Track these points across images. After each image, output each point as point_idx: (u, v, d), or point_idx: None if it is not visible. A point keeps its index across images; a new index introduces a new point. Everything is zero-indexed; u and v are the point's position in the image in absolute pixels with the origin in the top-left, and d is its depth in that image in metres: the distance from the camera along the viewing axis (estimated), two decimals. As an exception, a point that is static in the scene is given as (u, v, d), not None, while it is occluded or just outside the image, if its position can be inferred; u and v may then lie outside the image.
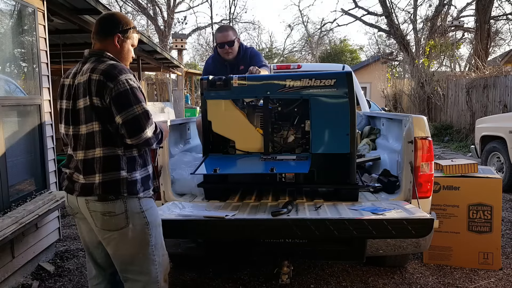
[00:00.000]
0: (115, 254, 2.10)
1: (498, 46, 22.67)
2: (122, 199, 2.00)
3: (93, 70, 1.97)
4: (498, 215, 3.51)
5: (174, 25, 26.40)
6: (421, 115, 3.01)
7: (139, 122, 1.95)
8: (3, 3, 3.55)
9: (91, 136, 1.98)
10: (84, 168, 2.01)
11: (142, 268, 2.10)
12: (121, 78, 1.94)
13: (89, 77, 1.96)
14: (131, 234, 2.04)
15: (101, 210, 1.99)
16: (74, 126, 2.03)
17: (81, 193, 2.02)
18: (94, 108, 1.96)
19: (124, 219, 2.02)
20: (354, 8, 23.41)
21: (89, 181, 2.00)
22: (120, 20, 2.10)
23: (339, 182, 2.92)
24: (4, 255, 3.17)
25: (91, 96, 1.95)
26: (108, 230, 2.03)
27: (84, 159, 2.00)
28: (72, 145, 2.06)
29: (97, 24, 2.11)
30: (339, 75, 2.87)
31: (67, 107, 2.06)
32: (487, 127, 6.94)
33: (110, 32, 2.07)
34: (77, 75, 2.04)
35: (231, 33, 3.63)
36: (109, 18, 2.12)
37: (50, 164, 3.96)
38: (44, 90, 3.89)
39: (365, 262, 3.35)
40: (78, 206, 2.08)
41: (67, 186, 2.11)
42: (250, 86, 2.96)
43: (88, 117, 1.98)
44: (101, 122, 1.97)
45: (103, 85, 1.93)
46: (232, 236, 2.61)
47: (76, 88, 2.02)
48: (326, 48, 31.82)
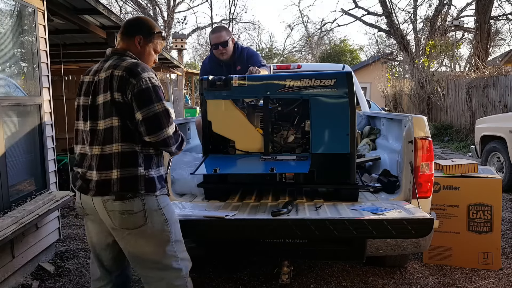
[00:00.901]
0: (135, 253, 2.08)
1: (498, 46, 22.69)
2: (139, 197, 2.00)
3: (115, 67, 2.00)
4: (498, 215, 3.51)
5: (174, 25, 26.42)
6: (421, 115, 3.01)
7: (159, 119, 1.97)
8: (3, 3, 3.55)
9: (110, 131, 1.98)
10: (100, 164, 1.99)
11: (165, 266, 2.09)
12: (144, 75, 1.97)
13: (111, 73, 1.99)
14: (150, 231, 2.03)
15: (119, 209, 1.98)
16: (92, 121, 2.03)
17: (97, 193, 2.00)
18: (114, 104, 1.97)
19: (143, 217, 2.01)
20: (354, 8, 23.46)
21: (105, 178, 1.98)
22: (145, 24, 2.17)
23: (339, 182, 2.92)
24: (4, 255, 3.17)
25: (113, 91, 1.97)
26: (127, 229, 2.02)
27: (101, 154, 1.99)
28: (88, 141, 2.04)
29: (124, 25, 2.18)
30: (339, 75, 2.87)
31: (85, 103, 2.07)
32: (487, 127, 6.94)
33: (134, 33, 2.13)
34: (98, 73, 2.06)
35: (224, 33, 3.61)
36: (135, 21, 2.20)
37: (50, 164, 3.96)
38: (44, 90, 3.89)
39: (365, 262, 3.35)
40: (93, 207, 2.06)
41: (81, 185, 2.08)
42: (250, 86, 2.95)
43: (107, 113, 1.99)
44: (120, 118, 1.98)
45: (126, 81, 1.95)
46: (232, 236, 2.61)
47: (96, 85, 2.04)
48: (326, 48, 31.81)
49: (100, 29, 5.69)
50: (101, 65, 2.09)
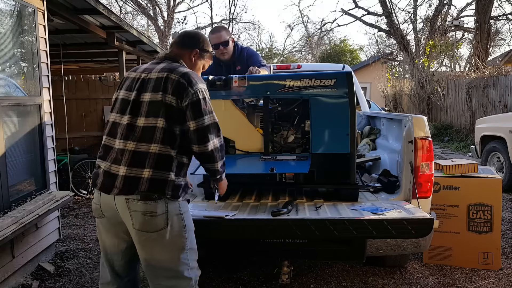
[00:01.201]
0: (150, 258, 2.04)
1: (498, 46, 22.67)
2: (164, 199, 1.99)
3: (170, 70, 2.04)
4: (498, 215, 3.51)
5: (174, 25, 26.39)
6: (421, 115, 3.01)
7: (210, 131, 2.03)
8: (3, 3, 3.55)
9: (151, 130, 1.98)
10: (132, 160, 1.97)
11: (177, 273, 2.06)
12: (200, 86, 2.05)
13: (166, 76, 2.02)
14: (168, 236, 2.01)
15: (143, 209, 1.96)
16: (131, 116, 2.03)
17: (122, 191, 1.97)
18: (165, 105, 1.99)
19: (164, 220, 1.99)
20: (354, 8, 23.44)
21: (134, 175, 1.96)
22: (203, 40, 2.26)
23: (339, 182, 2.92)
24: (4, 255, 3.17)
25: (166, 93, 1.99)
26: (146, 232, 1.99)
27: (134, 150, 1.98)
28: (122, 134, 2.03)
29: (182, 35, 2.28)
30: (339, 75, 2.87)
31: (127, 97, 2.08)
32: (487, 127, 6.94)
33: (192, 46, 2.22)
34: (147, 72, 2.09)
35: (225, 33, 3.62)
36: (195, 34, 2.29)
37: (50, 164, 3.96)
38: (44, 90, 3.89)
39: (365, 262, 3.35)
40: (114, 207, 2.02)
41: (103, 183, 2.04)
42: (250, 86, 2.95)
43: (152, 112, 2.00)
44: (167, 120, 1.99)
45: (183, 88, 2.00)
46: (232, 236, 2.61)
47: (144, 82, 2.06)
48: (326, 48, 31.80)
49: (100, 29, 5.69)
50: (152, 66, 2.13)
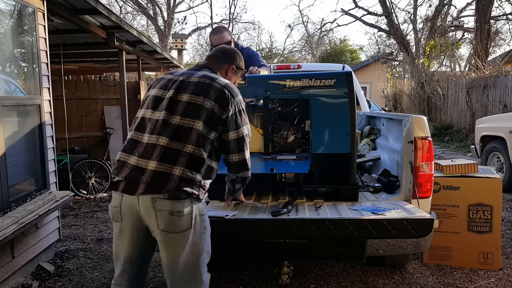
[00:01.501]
0: (171, 259, 2.03)
1: (498, 46, 22.67)
2: (190, 199, 2.00)
3: (213, 79, 2.13)
4: (498, 215, 3.51)
5: (174, 25, 26.40)
6: (421, 115, 3.01)
7: (246, 141, 2.17)
8: (3, 3, 3.55)
9: (186, 131, 2.01)
10: (163, 155, 1.97)
11: (194, 277, 2.05)
12: (240, 98, 2.17)
13: (210, 83, 2.10)
14: (191, 238, 2.01)
15: (170, 209, 1.95)
16: (167, 112, 2.05)
17: (149, 189, 1.95)
18: (204, 110, 2.04)
19: (189, 221, 1.99)
20: (354, 8, 23.46)
21: (164, 170, 1.95)
22: (240, 58, 2.39)
23: (339, 182, 2.92)
24: (4, 255, 3.17)
25: (208, 98, 2.06)
26: (170, 232, 1.98)
27: (167, 146, 1.99)
28: (155, 130, 2.03)
29: (221, 50, 2.38)
30: (339, 75, 2.87)
31: (161, 95, 2.12)
32: (487, 127, 6.94)
33: (229, 61, 2.32)
34: (187, 75, 2.16)
35: (226, 33, 3.63)
36: (233, 52, 2.39)
37: (50, 164, 3.96)
38: (44, 90, 3.89)
39: (365, 262, 3.35)
40: (137, 208, 1.99)
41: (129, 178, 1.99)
42: (250, 86, 2.95)
43: (189, 112, 2.03)
44: (205, 124, 2.03)
45: (227, 98, 2.09)
46: (232, 236, 2.61)
47: (184, 84, 2.12)
48: (326, 48, 31.80)
49: (100, 29, 5.69)
50: (191, 71, 2.21)
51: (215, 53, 2.35)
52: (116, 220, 2.10)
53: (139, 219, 2.03)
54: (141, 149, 2.03)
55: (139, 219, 2.02)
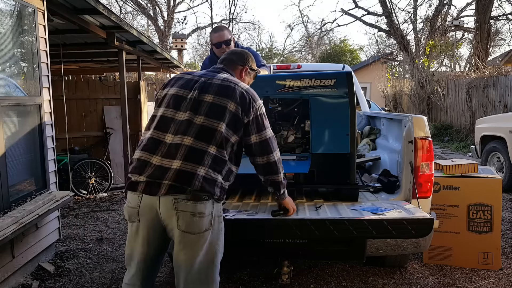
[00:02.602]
0: (189, 260, 2.02)
1: (498, 46, 22.69)
2: (211, 200, 2.01)
3: (236, 83, 2.17)
4: (498, 215, 3.51)
5: (174, 25, 26.39)
6: (421, 115, 3.01)
7: (271, 143, 2.19)
8: (3, 3, 3.55)
9: (211, 131, 2.02)
10: (188, 154, 1.98)
11: (207, 277, 2.06)
12: (260, 102, 2.21)
13: (233, 86, 2.14)
14: (210, 238, 2.03)
15: (193, 210, 1.96)
16: (191, 112, 2.06)
17: (172, 189, 1.94)
18: (228, 112, 2.07)
19: (210, 222, 2.01)
20: (354, 8, 23.44)
21: (190, 170, 1.96)
22: (252, 59, 2.45)
23: (339, 182, 2.92)
24: (4, 255, 3.17)
25: (232, 101, 2.09)
26: (190, 233, 1.98)
27: (191, 146, 2.00)
28: (178, 130, 2.03)
29: (234, 53, 2.43)
30: (339, 75, 2.87)
31: (182, 94, 2.12)
32: (487, 127, 6.94)
33: (243, 63, 2.38)
34: (208, 77, 2.18)
35: (227, 32, 3.65)
36: (245, 53, 2.44)
37: (50, 164, 3.95)
38: (44, 90, 3.89)
39: (365, 262, 3.35)
40: (157, 208, 1.99)
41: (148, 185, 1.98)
42: (250, 86, 2.95)
43: (213, 113, 2.05)
44: (228, 126, 2.05)
45: (249, 102, 2.12)
46: (232, 236, 2.61)
47: (207, 84, 2.13)
48: (326, 48, 31.79)
49: (100, 29, 5.68)
50: (210, 73, 2.23)
51: (228, 56, 2.39)
52: (133, 220, 2.09)
53: (158, 219, 2.03)
54: (164, 148, 2.02)
55: (158, 219, 2.03)
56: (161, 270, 3.60)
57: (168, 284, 3.37)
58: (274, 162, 2.20)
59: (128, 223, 2.14)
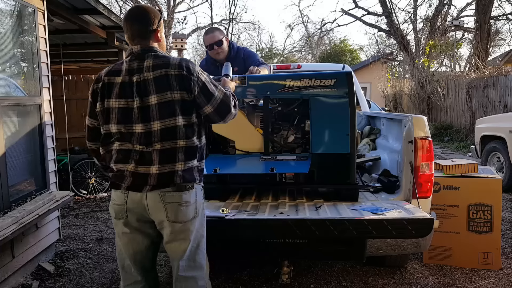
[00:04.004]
0: (180, 248, 2.08)
1: (498, 46, 22.65)
2: (195, 188, 2.07)
3: (166, 66, 2.00)
4: (498, 215, 3.51)
5: (174, 25, 26.38)
6: (421, 115, 3.01)
7: (227, 104, 2.12)
8: (3, 3, 3.55)
9: (172, 130, 2.00)
10: (161, 158, 1.99)
11: (198, 263, 2.12)
12: (197, 69, 2.05)
13: (166, 73, 1.99)
14: (197, 225, 2.10)
15: (179, 200, 2.02)
16: (144, 123, 1.99)
17: (157, 186, 2.00)
18: (176, 103, 1.99)
19: (195, 209, 2.08)
20: (354, 8, 23.37)
21: (168, 170, 2.00)
22: (153, 13, 2.10)
23: (339, 182, 2.92)
24: (4, 255, 3.17)
25: (174, 90, 1.99)
26: (179, 222, 2.04)
27: (162, 149, 2.00)
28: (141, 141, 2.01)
29: (135, 21, 2.08)
30: (339, 75, 2.87)
31: (128, 106, 2.01)
32: (487, 127, 6.94)
33: (150, 26, 2.07)
34: (136, 73, 2.01)
35: (218, 33, 3.67)
36: (143, 14, 2.09)
37: (50, 164, 3.95)
38: (44, 90, 3.89)
39: (365, 262, 3.35)
40: (144, 203, 2.03)
41: (132, 183, 2.02)
42: (250, 86, 2.95)
43: (165, 113, 1.99)
44: (184, 115, 2.02)
45: (187, 79, 2.00)
46: (232, 236, 2.61)
47: (142, 85, 2.00)
48: (326, 48, 31.79)
49: (100, 29, 5.69)
50: (134, 64, 2.03)
51: (133, 29, 2.07)
52: (120, 217, 2.11)
53: (145, 213, 2.07)
54: (136, 156, 2.02)
55: (145, 213, 2.07)
56: (161, 270, 3.60)
57: (168, 284, 3.36)
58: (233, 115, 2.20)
59: (114, 222, 2.16)
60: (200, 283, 2.12)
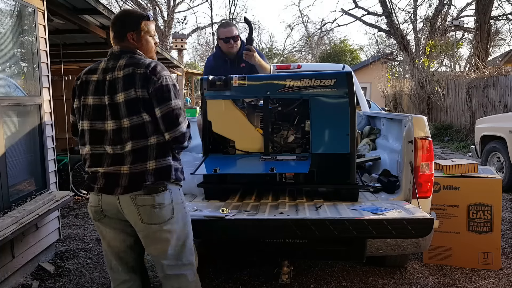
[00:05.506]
0: (160, 249, 2.09)
1: (498, 46, 22.68)
2: (169, 190, 2.06)
3: (136, 65, 2.04)
4: (498, 215, 3.51)
5: (174, 25, 26.41)
6: (421, 115, 3.01)
7: (176, 116, 2.03)
8: (3, 3, 3.55)
9: (141, 127, 2.01)
10: (134, 158, 2.00)
11: (186, 260, 2.14)
12: (164, 74, 2.05)
13: (133, 71, 2.02)
14: (175, 225, 2.09)
15: (151, 203, 2.01)
16: (115, 120, 2.02)
17: (128, 189, 2.00)
18: (140, 100, 2.00)
19: (171, 210, 2.07)
20: (354, 8, 23.43)
21: (139, 169, 2.00)
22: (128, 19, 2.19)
23: (339, 182, 2.92)
24: (4, 255, 3.17)
25: (137, 88, 2.00)
26: (154, 224, 2.04)
27: (133, 149, 2.00)
28: (112, 140, 2.03)
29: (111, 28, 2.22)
30: (339, 75, 2.87)
31: (100, 102, 2.06)
32: (487, 127, 6.94)
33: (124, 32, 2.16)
34: (110, 71, 2.06)
35: (234, 28, 3.72)
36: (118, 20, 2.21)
37: (50, 164, 3.95)
38: (44, 90, 3.89)
39: (365, 262, 3.35)
40: (118, 206, 2.05)
41: (104, 185, 2.06)
42: (250, 86, 2.95)
43: (132, 110, 2.00)
44: (149, 112, 2.02)
45: (148, 78, 2.00)
46: (232, 236, 2.61)
47: (112, 83, 2.04)
48: (326, 48, 31.82)
49: (100, 29, 5.69)
50: (110, 64, 2.09)
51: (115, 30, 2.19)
52: (98, 218, 2.15)
53: (120, 215, 2.09)
54: (109, 160, 2.05)
55: (120, 214, 2.09)
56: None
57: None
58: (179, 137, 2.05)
59: (94, 224, 2.21)
60: (190, 279, 2.16)
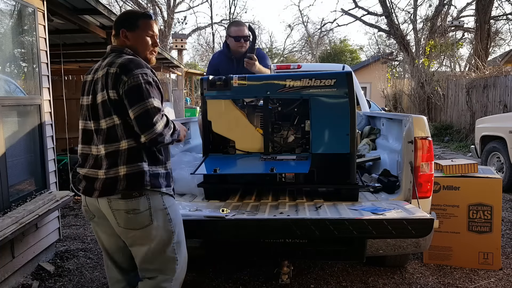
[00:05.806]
0: (138, 253, 2.09)
1: (498, 46, 22.68)
2: (146, 195, 1.99)
3: (111, 64, 1.99)
4: (498, 215, 3.51)
5: (174, 25, 26.41)
6: (421, 115, 3.01)
7: (150, 116, 1.90)
8: (3, 3, 3.55)
9: (113, 130, 1.97)
10: (107, 162, 1.98)
11: (164, 267, 2.10)
12: (136, 72, 1.93)
13: (107, 71, 1.98)
14: (154, 232, 2.04)
15: (125, 208, 1.98)
16: (95, 120, 2.02)
17: (102, 193, 1.99)
18: (111, 102, 1.95)
19: (148, 216, 2.01)
20: (354, 8, 23.40)
21: (111, 175, 1.97)
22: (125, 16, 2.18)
23: (339, 182, 2.92)
24: (4, 255, 3.17)
25: (108, 89, 1.95)
26: (132, 229, 2.02)
27: (106, 152, 1.98)
28: (93, 140, 2.04)
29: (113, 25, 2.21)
30: (339, 75, 2.87)
31: (87, 103, 2.07)
32: (487, 127, 6.94)
33: (118, 29, 2.12)
34: (97, 71, 2.06)
35: (245, 28, 3.75)
36: (117, 18, 2.21)
37: (50, 164, 3.95)
38: (44, 90, 3.88)
39: (365, 262, 3.35)
40: (99, 207, 2.06)
41: (85, 187, 2.08)
42: (250, 86, 2.96)
43: (107, 111, 1.97)
44: (120, 115, 1.96)
45: (118, 78, 1.93)
46: (232, 236, 2.61)
47: (95, 83, 2.03)
48: (326, 48, 31.81)
49: (100, 29, 5.69)
50: (100, 64, 2.09)
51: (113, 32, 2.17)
52: (90, 218, 2.17)
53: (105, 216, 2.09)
54: (91, 161, 2.05)
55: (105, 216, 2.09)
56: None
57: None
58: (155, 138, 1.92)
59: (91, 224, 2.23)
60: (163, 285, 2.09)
